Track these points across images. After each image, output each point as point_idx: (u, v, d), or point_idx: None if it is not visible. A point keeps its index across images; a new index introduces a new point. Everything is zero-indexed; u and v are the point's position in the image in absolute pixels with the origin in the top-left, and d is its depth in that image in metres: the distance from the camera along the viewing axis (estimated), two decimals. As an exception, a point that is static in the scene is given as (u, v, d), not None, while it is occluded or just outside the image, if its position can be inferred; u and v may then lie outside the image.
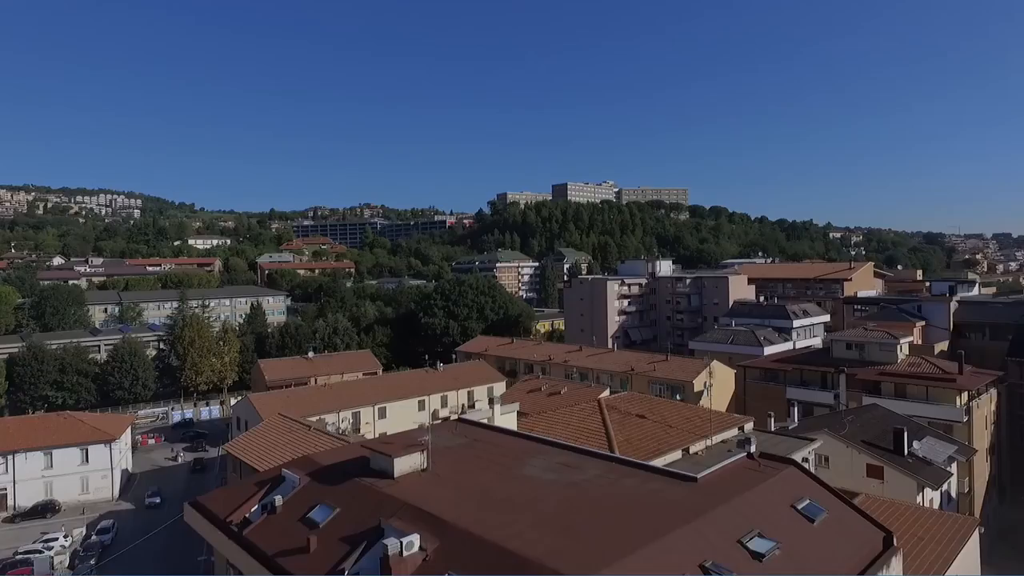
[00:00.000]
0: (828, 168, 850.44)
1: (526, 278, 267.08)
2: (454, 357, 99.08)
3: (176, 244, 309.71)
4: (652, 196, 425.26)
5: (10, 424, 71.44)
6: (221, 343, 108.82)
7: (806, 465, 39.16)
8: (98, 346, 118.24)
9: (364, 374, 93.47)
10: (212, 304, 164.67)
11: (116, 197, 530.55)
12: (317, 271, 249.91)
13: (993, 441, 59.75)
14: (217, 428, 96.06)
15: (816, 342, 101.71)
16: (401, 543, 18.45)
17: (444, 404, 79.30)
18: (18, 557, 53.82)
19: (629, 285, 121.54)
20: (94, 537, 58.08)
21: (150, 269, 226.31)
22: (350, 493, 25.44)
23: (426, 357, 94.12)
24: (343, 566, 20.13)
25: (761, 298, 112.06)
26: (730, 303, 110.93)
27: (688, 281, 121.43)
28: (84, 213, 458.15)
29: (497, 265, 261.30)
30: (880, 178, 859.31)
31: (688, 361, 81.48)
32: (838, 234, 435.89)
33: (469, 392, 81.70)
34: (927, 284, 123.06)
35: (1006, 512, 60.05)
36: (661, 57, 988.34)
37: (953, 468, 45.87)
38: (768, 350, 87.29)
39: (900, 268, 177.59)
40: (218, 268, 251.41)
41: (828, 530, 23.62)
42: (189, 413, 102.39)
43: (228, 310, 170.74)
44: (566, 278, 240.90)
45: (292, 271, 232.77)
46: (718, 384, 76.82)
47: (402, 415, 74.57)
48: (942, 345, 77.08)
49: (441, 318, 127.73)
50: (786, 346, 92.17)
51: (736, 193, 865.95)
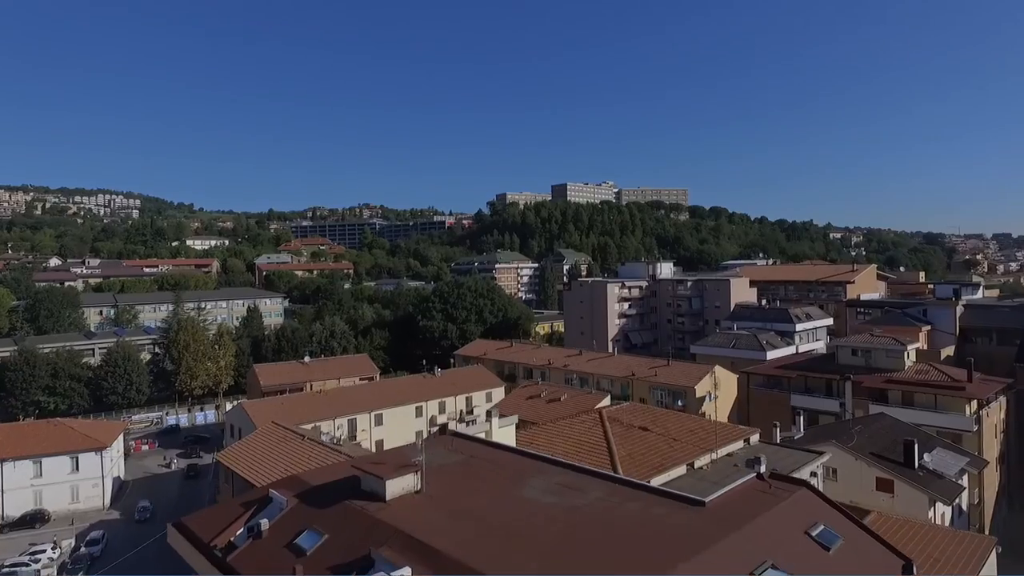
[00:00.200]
0: (828, 168, 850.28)
1: (525, 279, 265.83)
2: (452, 362, 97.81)
3: (174, 245, 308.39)
4: (652, 196, 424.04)
5: (-1, 431, 70.05)
6: (216, 347, 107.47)
7: (815, 480, 37.97)
8: (92, 349, 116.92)
9: (361, 379, 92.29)
10: (208, 306, 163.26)
11: (114, 197, 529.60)
12: (315, 272, 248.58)
13: (1003, 450, 58.52)
14: (215, 433, 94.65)
15: (819, 346, 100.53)
16: (392, 578, 17.23)
17: (442, 410, 78.01)
18: (4, 570, 52.46)
19: (629, 288, 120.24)
20: (83, 549, 56.71)
21: (147, 270, 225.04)
22: (340, 517, 24.17)
23: (423, 362, 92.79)
24: (329, 603, 18.90)
25: (763, 301, 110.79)
26: (732, 306, 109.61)
27: (689, 284, 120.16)
28: (82, 213, 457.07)
29: (496, 266, 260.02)
30: (880, 178, 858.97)
31: (690, 366, 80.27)
32: (838, 234, 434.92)
33: (467, 398, 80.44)
34: (930, 287, 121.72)
35: (1015, 521, 58.81)
36: (661, 58, 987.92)
37: (964, 480, 44.58)
38: (771, 354, 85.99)
39: (902, 270, 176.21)
40: (216, 269, 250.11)
41: (845, 559, 22.36)
42: (175, 419, 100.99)
43: (225, 312, 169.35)
44: (565, 280, 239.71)
45: (290, 272, 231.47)
46: (720, 389, 75.62)
47: (399, 422, 73.38)
48: (948, 350, 75.84)
49: (439, 321, 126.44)
50: (789, 350, 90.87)
51: (736, 193, 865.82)
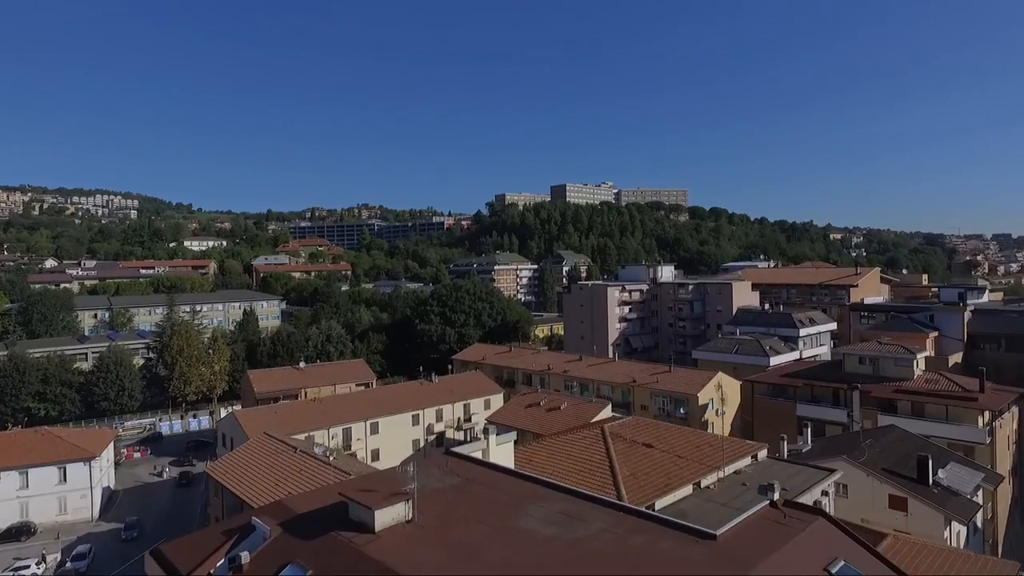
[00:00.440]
0: (828, 169, 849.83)
1: (525, 281, 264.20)
2: (450, 368, 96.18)
3: (171, 246, 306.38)
4: (652, 197, 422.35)
5: (-16, 441, 68.28)
6: (211, 352, 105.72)
7: (826, 500, 36.40)
8: (86, 354, 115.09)
9: (357, 384, 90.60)
10: (204, 309, 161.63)
11: (113, 198, 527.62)
12: (313, 274, 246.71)
13: (1015, 461, 56.97)
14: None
15: (823, 351, 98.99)
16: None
17: (439, 418, 76.39)
18: (-14, 587, 50.93)
19: (630, 291, 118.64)
20: (68, 564, 55.09)
21: (144, 272, 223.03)
22: (325, 550, 22.56)
23: (420, 368, 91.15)
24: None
25: (766, 305, 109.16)
26: (734, 310, 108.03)
27: (690, 287, 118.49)
28: (80, 214, 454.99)
29: (495, 268, 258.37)
30: (880, 179, 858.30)
31: (692, 372, 78.62)
32: (838, 235, 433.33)
33: (465, 405, 78.79)
34: (933, 290, 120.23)
35: (1027, 534, 57.25)
36: (661, 59, 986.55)
37: (979, 496, 43.01)
38: (774, 360, 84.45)
39: (905, 272, 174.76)
40: (213, 271, 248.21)
41: (867, 599, 20.78)
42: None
43: (221, 315, 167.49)
44: (565, 282, 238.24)
45: (287, 274, 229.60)
46: (723, 397, 73.98)
47: (395, 431, 71.74)
48: (956, 357, 74.22)
49: (437, 325, 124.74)
50: (792, 356, 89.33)
51: (736, 194, 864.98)
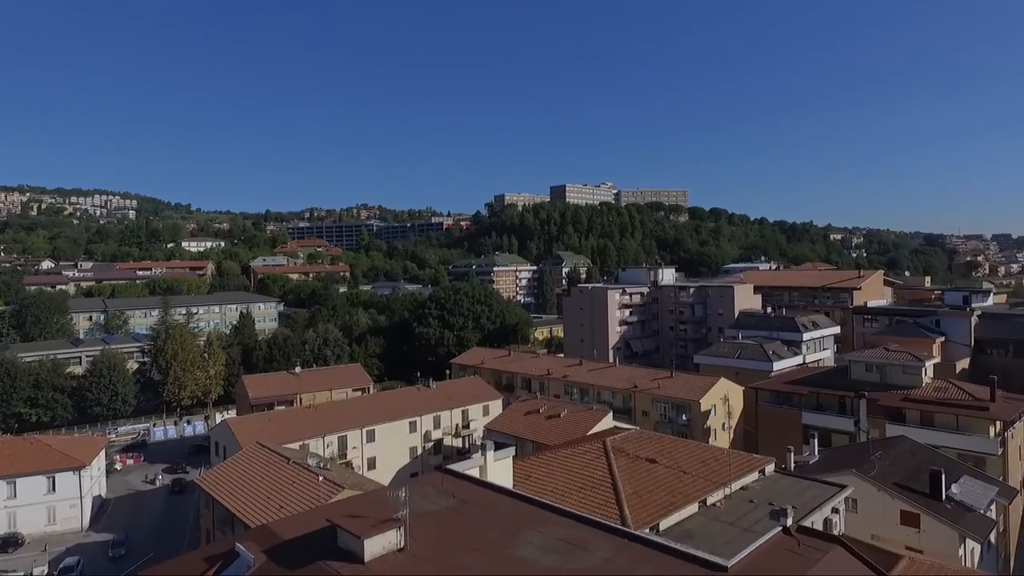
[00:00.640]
0: (828, 169, 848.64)
1: (524, 282, 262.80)
2: (448, 373, 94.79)
3: (169, 247, 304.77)
4: (651, 198, 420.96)
5: (-29, 450, 66.80)
6: (206, 355, 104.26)
7: (837, 517, 35.00)
8: (80, 357, 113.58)
9: (354, 390, 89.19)
10: (201, 311, 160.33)
11: (111, 198, 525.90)
12: (311, 275, 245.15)
13: (1026, 472, 55.60)
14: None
15: (826, 355, 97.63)
16: None
17: (437, 425, 74.99)
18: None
19: (630, 294, 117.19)
20: (56, 577, 53.77)
21: (140, 273, 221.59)
22: (311, 582, 21.24)
23: (418, 374, 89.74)
24: None
25: (768, 308, 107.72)
26: (735, 314, 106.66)
27: (692, 290, 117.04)
28: (78, 214, 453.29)
29: (495, 269, 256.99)
30: (879, 179, 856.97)
31: (694, 378, 77.22)
32: (839, 236, 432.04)
33: (463, 411, 77.40)
34: (936, 293, 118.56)
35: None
36: (661, 59, 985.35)
37: (993, 510, 41.68)
38: (777, 365, 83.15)
39: (908, 274, 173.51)
40: (211, 272, 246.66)
41: (890, 638, 19.39)
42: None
43: (218, 317, 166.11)
44: (564, 283, 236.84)
45: (284, 276, 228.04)
46: (726, 403, 72.64)
47: (392, 438, 70.34)
48: (963, 363, 73.00)
49: (436, 328, 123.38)
50: (795, 360, 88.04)
51: (735, 194, 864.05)
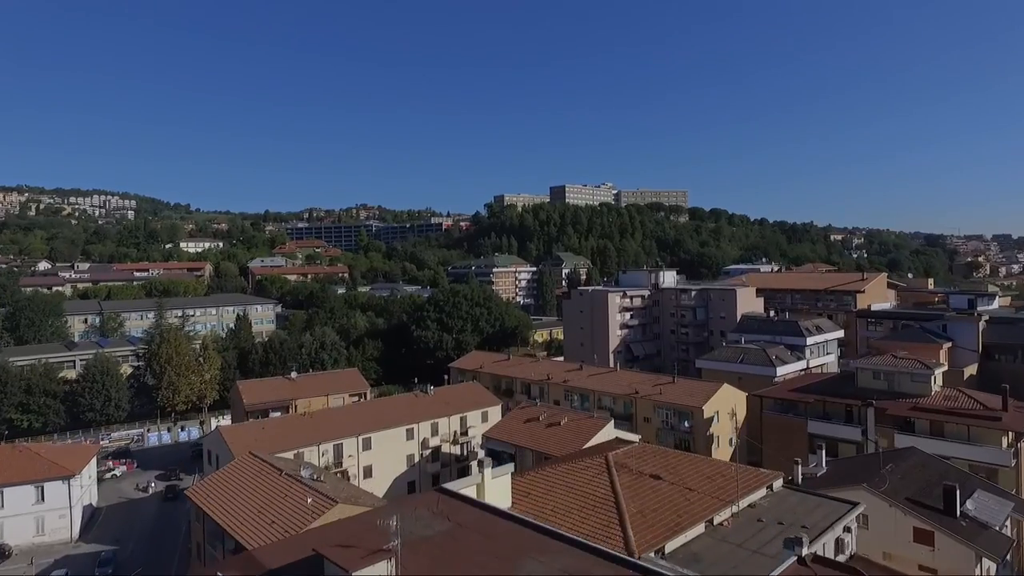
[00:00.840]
0: (827, 168, 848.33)
1: (523, 283, 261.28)
2: (446, 378, 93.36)
3: (167, 247, 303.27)
4: (651, 198, 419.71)
5: (-42, 459, 65.28)
6: (201, 360, 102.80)
7: (849, 537, 33.64)
8: (74, 361, 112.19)
9: (351, 395, 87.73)
10: (197, 313, 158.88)
11: (110, 198, 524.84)
12: (309, 276, 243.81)
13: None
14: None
15: (830, 359, 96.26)
16: None
17: (435, 432, 73.52)
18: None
19: (631, 297, 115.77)
20: (42, 591, 52.37)
21: (138, 274, 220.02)
22: (295, 618, 19.90)
23: (415, 380, 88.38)
24: None
25: (771, 312, 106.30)
26: (738, 317, 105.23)
27: (693, 293, 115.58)
28: (77, 215, 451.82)
29: (494, 270, 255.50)
30: (879, 178, 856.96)
31: (697, 384, 75.77)
32: (839, 236, 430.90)
33: (462, 418, 75.94)
34: (938, 296, 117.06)
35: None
36: (660, 59, 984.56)
37: (1008, 526, 40.31)
38: (781, 370, 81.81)
39: (911, 276, 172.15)
40: (208, 273, 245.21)
41: None
42: (157, 436, 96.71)
43: (215, 319, 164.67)
44: (564, 284, 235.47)
45: (282, 278, 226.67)
46: (729, 410, 71.32)
47: (388, 446, 68.89)
48: (971, 369, 71.62)
49: (434, 331, 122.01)
50: (799, 365, 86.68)
51: (735, 194, 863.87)
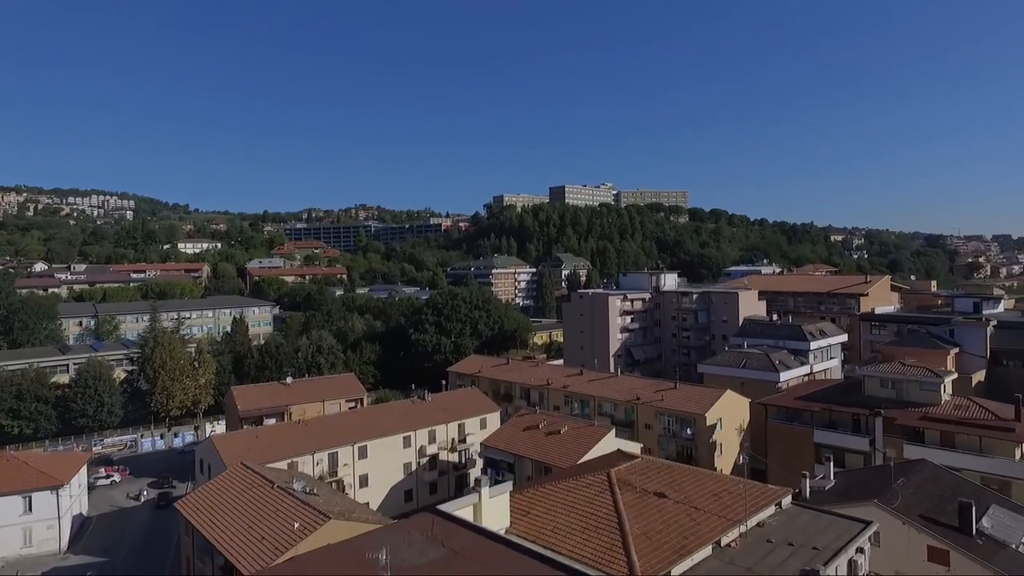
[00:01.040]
0: (827, 169, 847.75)
1: (523, 284, 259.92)
2: (444, 384, 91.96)
3: (165, 248, 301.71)
4: (651, 199, 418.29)
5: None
6: (196, 364, 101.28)
7: (862, 558, 32.21)
8: (67, 365, 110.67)
9: (347, 401, 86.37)
10: (194, 316, 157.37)
11: (108, 198, 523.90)
12: (307, 278, 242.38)
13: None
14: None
15: (833, 364, 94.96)
16: None
17: (432, 439, 72.20)
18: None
19: (632, 300, 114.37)
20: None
21: (135, 276, 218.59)
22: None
23: (412, 386, 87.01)
24: None
25: (773, 315, 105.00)
26: (740, 320, 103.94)
27: (695, 296, 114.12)
28: (75, 215, 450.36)
29: (493, 271, 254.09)
30: (878, 177, 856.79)
31: (699, 390, 74.44)
32: (839, 236, 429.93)
33: (460, 425, 74.60)
34: (941, 299, 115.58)
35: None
36: (660, 59, 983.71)
37: (1024, 544, 38.92)
38: (784, 375, 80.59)
39: (913, 278, 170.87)
40: (206, 274, 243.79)
41: None
42: (151, 442, 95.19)
43: (211, 321, 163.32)
44: (564, 286, 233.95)
45: (280, 279, 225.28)
46: (732, 417, 70.03)
47: (385, 454, 67.58)
48: (979, 375, 70.27)
49: (432, 334, 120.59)
50: (802, 370, 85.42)
51: (735, 194, 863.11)
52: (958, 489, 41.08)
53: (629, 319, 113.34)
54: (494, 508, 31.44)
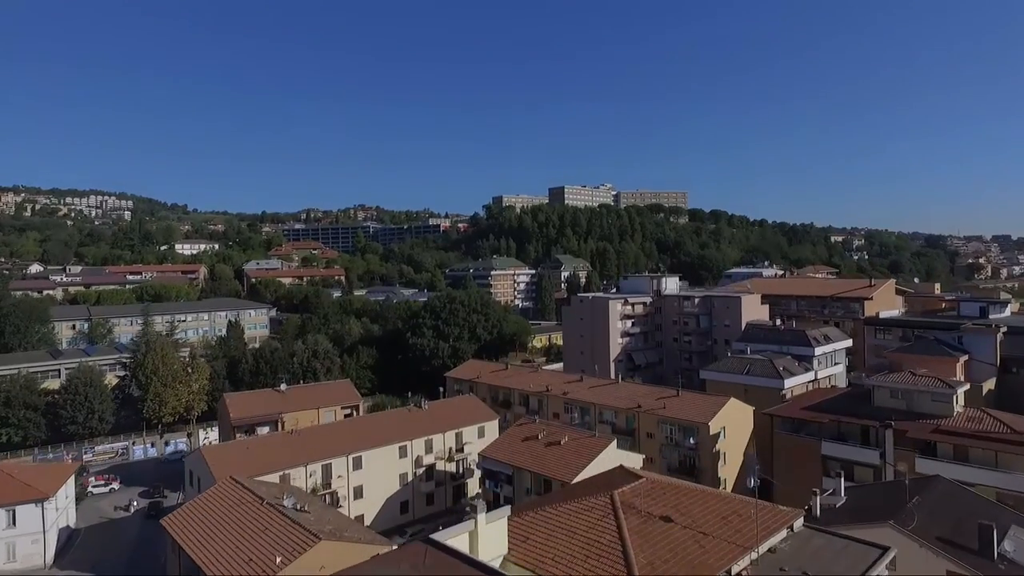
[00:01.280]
0: (827, 168, 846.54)
1: (522, 286, 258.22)
2: (442, 390, 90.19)
3: (162, 249, 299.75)
4: (651, 199, 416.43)
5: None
6: (189, 370, 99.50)
7: (880, 586, 30.46)
8: (58, 370, 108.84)
9: (342, 408, 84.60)
10: (188, 319, 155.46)
11: (107, 199, 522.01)
12: (305, 279, 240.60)
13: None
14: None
15: (838, 370, 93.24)
16: None
17: (429, 449, 70.46)
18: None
19: (632, 304, 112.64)
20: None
21: (131, 278, 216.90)
22: None
23: (408, 393, 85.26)
24: None
25: (776, 320, 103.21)
26: (742, 325, 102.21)
27: (696, 300, 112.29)
28: (73, 215, 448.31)
29: (492, 273, 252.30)
30: (878, 176, 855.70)
31: (702, 398, 72.78)
32: (839, 237, 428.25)
33: (457, 434, 72.82)
34: (945, 302, 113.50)
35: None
36: (660, 59, 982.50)
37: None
38: (788, 382, 78.83)
39: (916, 281, 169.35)
40: (203, 276, 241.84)
41: None
42: (143, 450, 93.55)
43: (207, 324, 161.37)
44: (564, 288, 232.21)
45: (277, 281, 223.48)
46: (736, 425, 68.39)
47: (380, 465, 65.87)
48: (989, 383, 68.50)
49: (430, 338, 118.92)
50: (807, 377, 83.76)
51: (735, 194, 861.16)
52: (975, 508, 39.39)
53: (630, 323, 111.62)
54: (491, 534, 29.67)
